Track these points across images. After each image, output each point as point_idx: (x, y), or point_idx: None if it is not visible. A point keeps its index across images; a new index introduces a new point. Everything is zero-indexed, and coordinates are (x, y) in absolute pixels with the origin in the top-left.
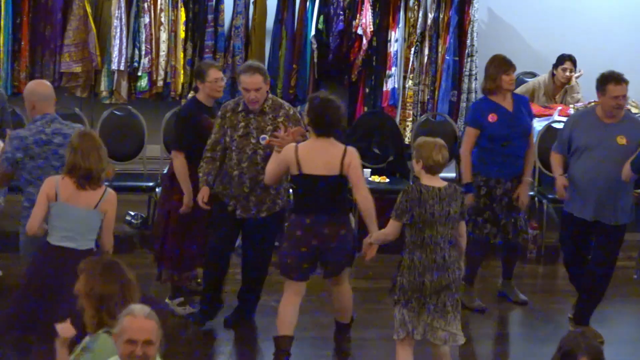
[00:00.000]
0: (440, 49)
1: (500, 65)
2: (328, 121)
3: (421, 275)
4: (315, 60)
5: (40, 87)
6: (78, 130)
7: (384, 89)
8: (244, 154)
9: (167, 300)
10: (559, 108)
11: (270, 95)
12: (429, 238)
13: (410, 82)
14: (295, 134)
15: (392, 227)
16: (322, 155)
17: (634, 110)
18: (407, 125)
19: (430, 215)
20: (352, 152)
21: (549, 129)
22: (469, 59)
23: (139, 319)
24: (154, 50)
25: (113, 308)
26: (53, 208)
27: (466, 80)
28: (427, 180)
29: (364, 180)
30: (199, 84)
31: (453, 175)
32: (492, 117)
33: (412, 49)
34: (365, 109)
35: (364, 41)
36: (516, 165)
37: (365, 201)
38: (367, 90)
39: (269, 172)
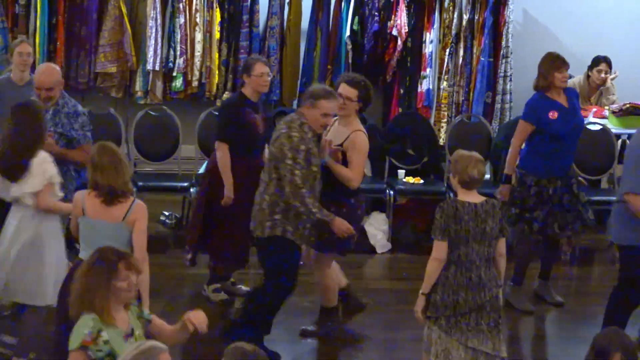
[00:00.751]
0: (475, 50)
1: (553, 62)
2: None
3: (455, 292)
4: (350, 61)
5: (54, 71)
6: (97, 145)
7: (419, 90)
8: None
9: (204, 286)
10: (594, 110)
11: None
12: (464, 255)
13: (444, 83)
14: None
15: (438, 248)
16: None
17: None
18: (442, 127)
19: (465, 232)
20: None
21: (584, 130)
22: (503, 60)
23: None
24: (189, 50)
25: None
26: (81, 223)
27: (501, 81)
28: (463, 195)
29: (356, 166)
30: (245, 77)
31: (487, 176)
32: (552, 115)
33: (447, 50)
34: (400, 110)
35: (399, 42)
36: (568, 161)
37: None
38: (401, 91)
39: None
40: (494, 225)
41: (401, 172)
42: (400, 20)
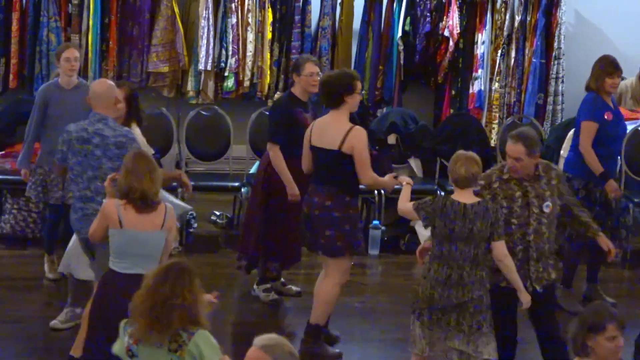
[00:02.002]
0: (527, 52)
1: (606, 67)
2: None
3: (433, 287)
4: (402, 62)
5: (96, 86)
6: (132, 152)
7: (470, 91)
8: (529, 226)
9: (254, 286)
10: None
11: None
12: (447, 252)
13: (496, 84)
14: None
15: (406, 207)
16: (327, 129)
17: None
18: (493, 128)
19: (449, 231)
20: (360, 134)
21: (635, 132)
22: (555, 62)
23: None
24: (240, 50)
25: None
26: (119, 235)
27: (553, 83)
28: (456, 194)
29: (366, 163)
30: (294, 77)
31: None
32: (607, 115)
33: (499, 52)
34: (451, 111)
35: (451, 43)
36: (615, 164)
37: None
38: (453, 92)
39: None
40: (482, 228)
41: None
42: (452, 21)
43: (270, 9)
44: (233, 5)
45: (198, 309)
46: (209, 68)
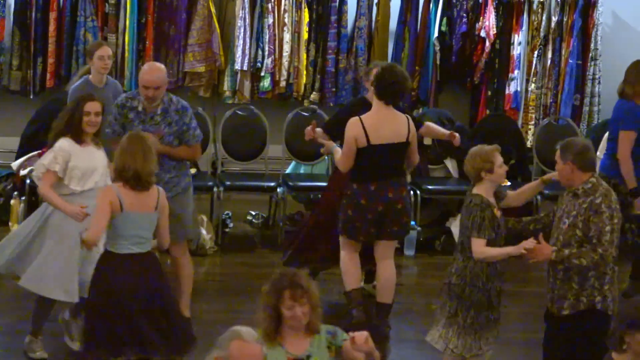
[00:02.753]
0: (563, 53)
1: None
2: (394, 89)
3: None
4: (438, 62)
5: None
6: (130, 133)
7: (507, 92)
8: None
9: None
10: None
11: None
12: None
13: (532, 85)
14: None
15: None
16: (389, 124)
17: None
18: (529, 129)
19: None
20: (412, 120)
21: None
22: (592, 63)
23: (248, 345)
24: (277, 50)
25: None
26: (120, 218)
27: (589, 84)
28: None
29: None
30: (365, 82)
31: None
32: None
33: (535, 52)
34: (488, 111)
35: (487, 44)
36: None
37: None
38: (489, 93)
39: (341, 162)
40: (464, 221)
41: None
42: (489, 22)
43: (306, 9)
44: (270, 5)
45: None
46: (245, 68)
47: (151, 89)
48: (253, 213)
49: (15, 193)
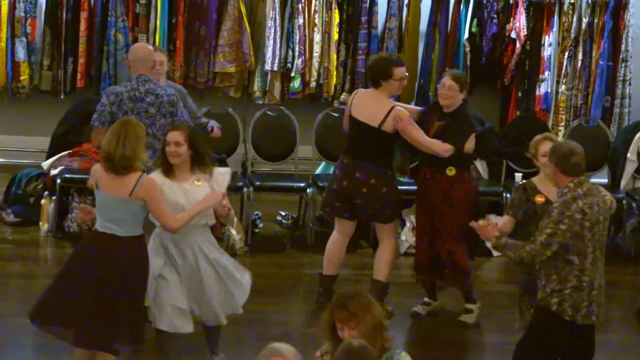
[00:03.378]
0: (594, 54)
1: None
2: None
3: None
4: (468, 63)
5: (139, 49)
6: (124, 118)
7: (537, 93)
8: None
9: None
10: None
11: None
12: None
13: (563, 86)
14: None
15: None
16: (371, 106)
17: None
18: (560, 130)
19: None
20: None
21: None
22: (623, 64)
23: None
24: (307, 51)
25: None
26: (97, 195)
27: (620, 85)
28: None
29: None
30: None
31: (604, 180)
32: None
33: (566, 54)
34: (518, 113)
35: (517, 45)
36: None
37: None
38: (519, 94)
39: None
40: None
41: (518, 175)
42: (519, 23)
43: (337, 10)
44: (300, 5)
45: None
46: (275, 69)
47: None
48: (283, 213)
49: (46, 193)
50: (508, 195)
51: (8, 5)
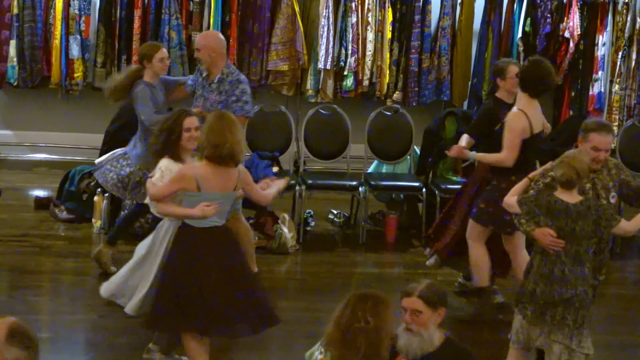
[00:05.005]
0: None
1: None
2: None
3: (536, 282)
4: (522, 62)
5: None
6: (217, 111)
7: (590, 92)
8: None
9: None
10: None
11: None
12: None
13: (617, 86)
14: None
15: (510, 201)
16: (539, 115)
17: None
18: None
19: (555, 228)
20: None
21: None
22: None
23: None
24: (360, 49)
25: None
26: (193, 198)
27: None
28: (559, 191)
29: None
30: (499, 81)
31: None
32: None
33: (620, 53)
34: (571, 112)
35: (571, 44)
36: None
37: None
38: (572, 93)
39: (507, 156)
40: (585, 227)
41: None
42: (573, 23)
43: (390, 9)
44: (353, 4)
45: (382, 336)
46: (328, 67)
47: (195, 51)
48: (335, 212)
49: (99, 190)
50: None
51: (63, 3)
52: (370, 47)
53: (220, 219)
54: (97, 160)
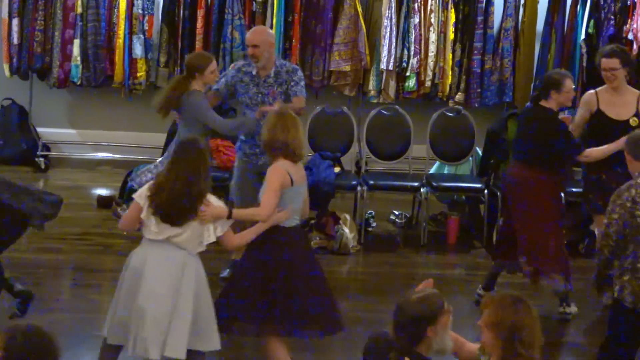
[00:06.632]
0: None
1: None
2: None
3: None
4: (585, 64)
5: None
6: (280, 110)
7: None
8: None
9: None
10: None
11: None
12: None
13: None
14: None
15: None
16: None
17: None
18: None
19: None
20: None
21: None
22: None
23: None
24: (422, 50)
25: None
26: (290, 192)
27: None
28: None
29: None
30: (552, 93)
31: None
32: None
33: None
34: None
35: (635, 46)
36: None
37: None
38: None
39: None
40: None
41: None
42: (637, 25)
43: (453, 10)
44: (416, 5)
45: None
46: (390, 68)
47: (250, 47)
48: (396, 212)
49: None
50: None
51: (126, 3)
52: (432, 48)
53: (298, 216)
54: (159, 160)
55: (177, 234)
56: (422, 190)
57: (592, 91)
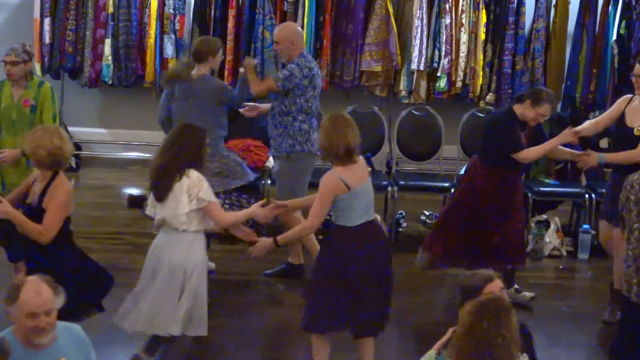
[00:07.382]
0: None
1: None
2: None
3: None
4: (616, 65)
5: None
6: (332, 114)
7: None
8: None
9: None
10: None
11: None
12: None
13: None
14: None
15: None
16: None
17: None
18: None
19: None
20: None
21: None
22: None
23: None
24: (453, 51)
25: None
26: (347, 198)
27: None
28: None
29: None
30: (528, 102)
31: None
32: None
33: None
34: None
35: None
36: None
37: None
38: None
39: None
40: None
41: None
42: None
43: (484, 10)
44: (447, 5)
45: (512, 350)
46: (421, 68)
47: (274, 43)
48: (427, 213)
49: None
50: None
51: (158, 2)
52: (463, 48)
53: (369, 212)
54: None
55: (165, 212)
56: (452, 190)
57: (629, 95)
